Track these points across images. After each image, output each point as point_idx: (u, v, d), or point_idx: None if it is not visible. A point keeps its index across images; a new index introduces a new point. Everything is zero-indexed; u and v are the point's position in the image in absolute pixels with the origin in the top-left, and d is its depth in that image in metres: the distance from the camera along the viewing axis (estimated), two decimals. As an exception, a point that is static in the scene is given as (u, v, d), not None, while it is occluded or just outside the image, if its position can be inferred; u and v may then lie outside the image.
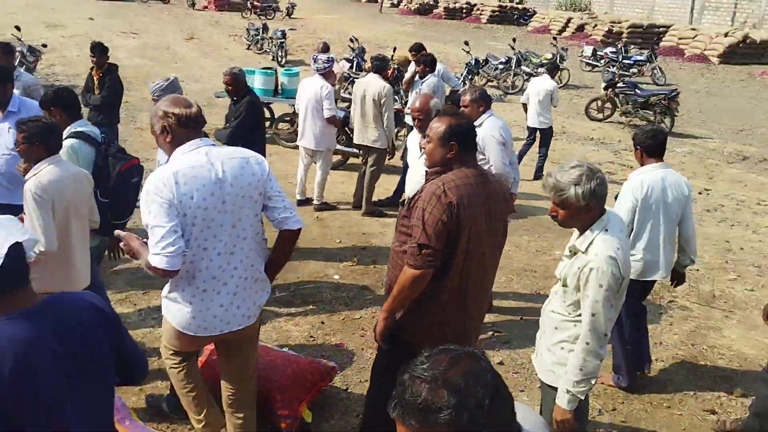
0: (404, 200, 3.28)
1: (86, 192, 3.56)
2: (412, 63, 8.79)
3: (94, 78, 6.87)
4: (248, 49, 21.03)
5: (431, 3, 39.61)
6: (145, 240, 2.78)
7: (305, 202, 7.53)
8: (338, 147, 8.77)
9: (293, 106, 8.98)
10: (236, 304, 2.92)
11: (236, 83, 5.98)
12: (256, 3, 32.70)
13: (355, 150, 8.29)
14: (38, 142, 3.32)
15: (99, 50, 6.77)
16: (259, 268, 3.01)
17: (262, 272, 3.03)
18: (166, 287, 2.94)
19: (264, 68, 10.28)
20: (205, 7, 35.59)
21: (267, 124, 10.28)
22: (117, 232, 2.92)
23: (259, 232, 2.98)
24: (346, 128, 9.00)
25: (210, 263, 2.82)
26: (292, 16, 32.91)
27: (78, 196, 3.47)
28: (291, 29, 21.13)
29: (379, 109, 7.09)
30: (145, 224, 2.71)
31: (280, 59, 18.24)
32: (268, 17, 31.31)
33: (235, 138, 5.42)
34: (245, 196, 2.84)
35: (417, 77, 7.69)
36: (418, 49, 8.35)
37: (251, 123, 5.90)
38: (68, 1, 34.25)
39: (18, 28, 14.16)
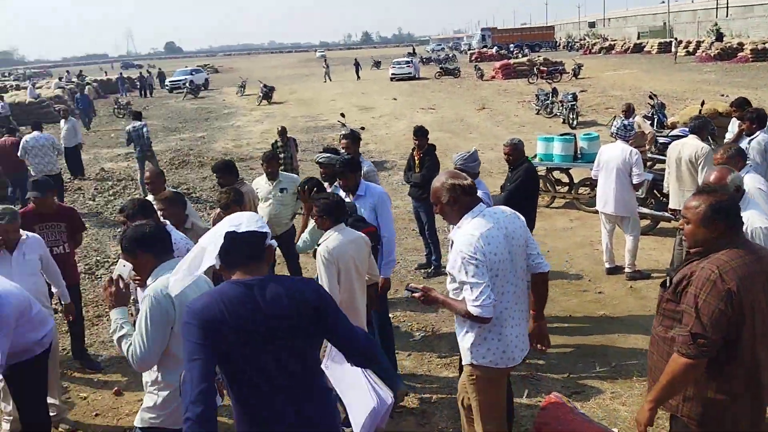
0: (665, 281, 2.98)
1: (364, 252, 4.33)
2: (733, 120, 8.05)
3: (416, 158, 7.62)
4: (537, 113, 21.37)
5: (735, 46, 36.06)
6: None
7: (615, 270, 7.27)
8: (646, 211, 8.36)
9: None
10: (521, 336, 3.42)
11: (516, 152, 6.29)
12: (542, 68, 33.31)
13: (667, 214, 7.81)
14: (326, 215, 4.21)
15: (420, 133, 7.54)
16: (526, 302, 3.51)
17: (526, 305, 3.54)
18: (469, 336, 3.36)
19: (563, 134, 10.35)
20: (493, 77, 37.33)
21: (566, 189, 10.32)
22: (411, 285, 3.57)
23: (525, 275, 3.46)
24: (655, 191, 8.56)
25: (506, 305, 3.32)
26: (578, 77, 32.72)
27: (358, 255, 4.25)
28: (581, 91, 20.99)
29: (697, 171, 6.62)
30: (460, 281, 3.23)
31: (571, 122, 18.17)
32: (555, 80, 31.57)
33: (510, 203, 5.51)
34: (520, 246, 3.38)
35: (744, 134, 7.00)
36: (741, 104, 7.61)
37: (525, 191, 6.12)
38: (375, 86, 38.89)
39: (343, 115, 16.35)
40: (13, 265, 4.56)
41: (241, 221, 2.49)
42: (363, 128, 16.86)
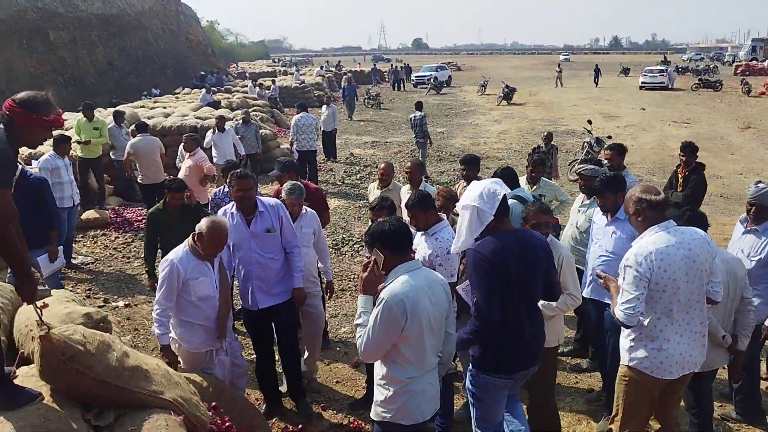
0: None
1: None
2: None
3: (680, 176, 7.05)
4: (819, 139, 18.56)
5: None
6: None
7: None
8: None
9: None
10: (686, 354, 3.52)
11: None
12: (829, 87, 28.81)
13: None
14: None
15: (689, 150, 6.91)
16: (705, 325, 3.64)
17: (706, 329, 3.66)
18: (629, 339, 3.63)
19: None
20: (762, 93, 33.16)
21: None
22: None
23: (704, 298, 3.58)
24: None
25: (673, 320, 3.50)
26: None
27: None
28: None
29: None
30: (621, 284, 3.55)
31: None
32: (844, 102, 27.16)
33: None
34: (703, 270, 3.49)
35: None
36: None
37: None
38: (621, 93, 36.79)
39: (590, 122, 15.72)
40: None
41: (497, 186, 3.49)
42: (609, 137, 15.97)
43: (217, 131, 11.55)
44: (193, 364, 4.34)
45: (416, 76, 43.23)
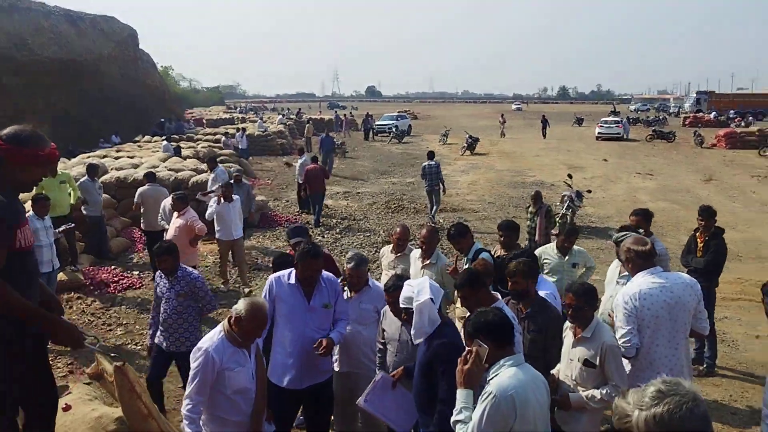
0: None
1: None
2: None
3: (698, 240, 6.93)
4: (779, 192, 19.15)
5: None
6: None
7: None
8: None
9: None
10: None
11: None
12: (777, 140, 30.11)
13: None
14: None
15: (707, 214, 6.83)
16: (689, 358, 4.34)
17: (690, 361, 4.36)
18: (628, 368, 4.11)
19: None
20: (714, 145, 34.44)
21: None
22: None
23: (687, 334, 4.20)
24: None
25: (661, 355, 4.06)
26: (821, 153, 29.04)
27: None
28: None
29: None
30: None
31: (828, 207, 15.97)
32: (792, 155, 28.37)
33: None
34: (686, 311, 4.10)
35: None
36: None
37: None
38: (580, 143, 37.70)
39: (570, 176, 15.79)
40: (352, 307, 4.82)
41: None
42: (590, 191, 16.12)
43: (222, 201, 9.87)
44: (222, 464, 3.82)
45: (377, 125, 43.38)
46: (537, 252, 6.26)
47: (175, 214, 8.81)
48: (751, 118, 52.51)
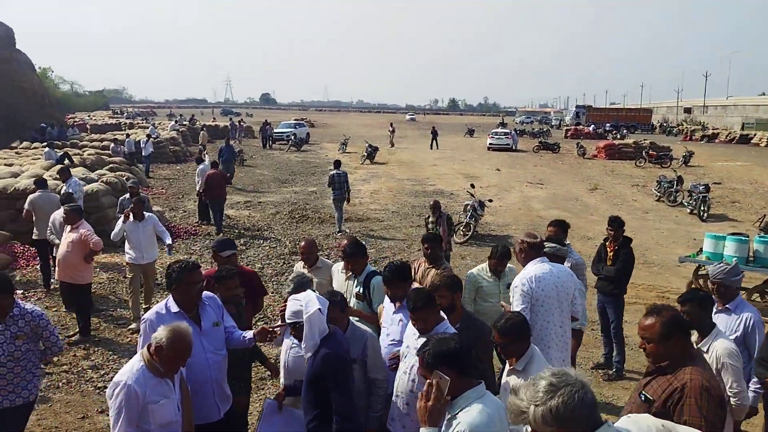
0: (644, 396, 3.24)
1: None
2: None
3: (608, 249, 7.24)
4: (658, 200, 20.62)
5: None
6: None
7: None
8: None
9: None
10: (560, 361, 4.63)
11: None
12: (652, 152, 32.49)
13: None
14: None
15: (617, 224, 7.15)
16: (569, 332, 4.91)
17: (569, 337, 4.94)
18: None
19: (734, 234, 9.72)
20: (595, 156, 36.66)
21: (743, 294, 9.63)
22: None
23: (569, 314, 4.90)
24: None
25: (551, 331, 4.72)
26: (688, 164, 31.60)
27: None
28: (715, 183, 20.11)
29: None
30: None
31: (701, 214, 17.38)
32: (664, 165, 30.70)
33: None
34: (567, 293, 4.82)
35: None
36: None
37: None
38: (473, 153, 38.94)
39: (473, 186, 16.21)
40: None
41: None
42: (491, 200, 16.59)
43: (131, 219, 8.58)
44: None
45: (275, 133, 42.69)
46: (471, 274, 6.00)
47: (68, 227, 8.13)
48: (625, 131, 56.43)
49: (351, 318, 4.46)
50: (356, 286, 5.38)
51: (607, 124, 62.61)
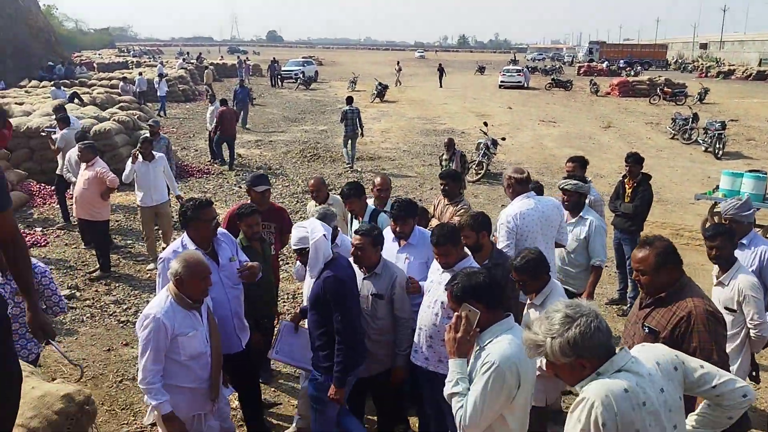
0: (649, 328, 3.26)
1: None
2: None
3: (626, 186, 7.22)
4: (673, 138, 20.37)
5: None
6: None
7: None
8: None
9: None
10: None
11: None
12: (666, 89, 31.89)
13: None
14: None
15: (633, 160, 7.11)
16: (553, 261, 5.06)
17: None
18: None
19: (752, 171, 9.63)
20: (608, 93, 36.04)
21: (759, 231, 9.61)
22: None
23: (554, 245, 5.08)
24: None
25: None
26: (704, 102, 31.06)
27: None
28: (731, 120, 19.74)
29: None
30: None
31: (717, 152, 17.17)
32: (678, 103, 30.18)
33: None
34: (553, 225, 4.98)
35: None
36: None
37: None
38: (484, 92, 38.35)
39: (486, 124, 16.04)
40: None
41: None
42: (504, 139, 16.42)
43: (140, 159, 8.33)
44: (178, 433, 3.63)
45: (283, 71, 42.11)
46: None
47: (83, 165, 8.14)
48: (639, 67, 55.26)
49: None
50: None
51: (621, 61, 61.20)
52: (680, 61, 76.22)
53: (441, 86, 41.02)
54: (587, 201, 5.87)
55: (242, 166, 15.44)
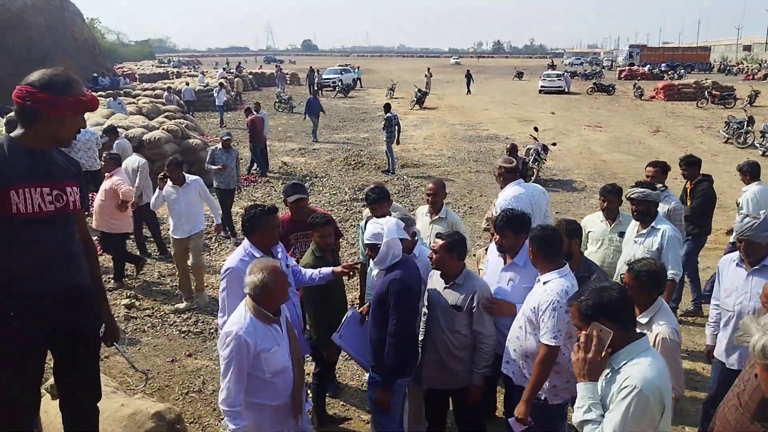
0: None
1: None
2: None
3: (687, 188, 7.00)
4: (726, 142, 19.73)
5: None
6: None
7: None
8: None
9: None
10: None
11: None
12: (715, 92, 31.03)
13: None
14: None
15: (686, 162, 6.91)
16: None
17: None
18: None
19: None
20: (652, 97, 35.26)
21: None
22: None
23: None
24: None
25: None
26: (754, 104, 30.10)
27: None
28: (790, 123, 19.01)
29: None
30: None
31: (778, 155, 16.57)
32: (728, 106, 29.33)
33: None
34: (541, 209, 5.43)
35: None
36: None
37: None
38: (524, 97, 37.89)
39: (536, 129, 15.77)
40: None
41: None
42: (554, 144, 16.10)
43: (169, 183, 7.37)
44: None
45: (322, 79, 42.30)
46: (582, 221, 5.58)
47: (106, 175, 7.99)
48: (682, 70, 54.05)
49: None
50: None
51: (663, 64, 60.05)
52: (724, 63, 74.38)
53: (468, 92, 40.43)
54: (666, 209, 5.59)
55: (288, 174, 15.42)
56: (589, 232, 5.57)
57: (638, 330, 3.52)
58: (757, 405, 2.74)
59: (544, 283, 3.62)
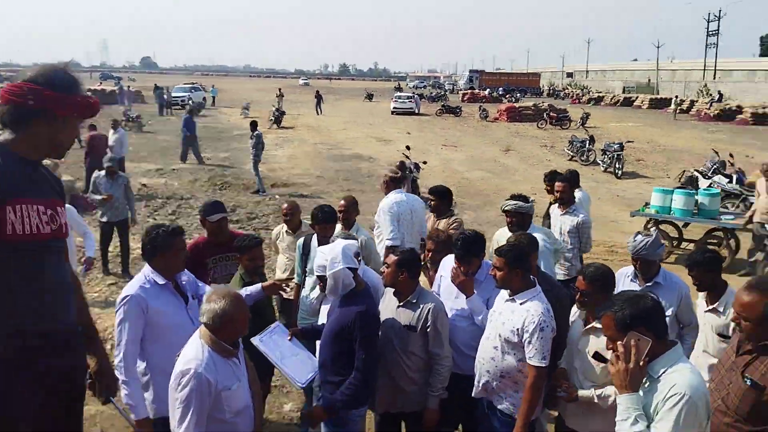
0: (753, 383, 2.85)
1: None
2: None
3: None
4: (571, 160, 21.39)
5: (734, 108, 37.10)
6: None
7: None
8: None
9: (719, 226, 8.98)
10: None
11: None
12: (552, 114, 33.70)
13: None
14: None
15: (549, 179, 7.30)
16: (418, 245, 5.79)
17: None
18: None
19: (679, 187, 10.13)
20: (496, 119, 37.57)
21: (676, 244, 10.08)
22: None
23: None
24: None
25: (406, 241, 5.77)
26: (586, 125, 33.06)
27: None
28: (628, 141, 20.99)
29: None
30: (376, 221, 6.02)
31: (616, 172, 18.17)
32: (563, 127, 32.00)
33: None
34: (418, 216, 6.00)
35: None
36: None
37: None
38: (378, 118, 38.71)
39: (408, 148, 16.03)
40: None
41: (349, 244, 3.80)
42: (425, 162, 16.44)
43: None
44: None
45: (171, 97, 40.33)
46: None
47: None
48: (518, 94, 58.26)
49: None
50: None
51: (500, 89, 64.41)
52: (552, 88, 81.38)
53: (319, 113, 40.56)
54: (576, 222, 5.86)
55: (150, 196, 14.35)
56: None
57: (596, 335, 3.54)
58: (750, 408, 2.82)
59: (521, 303, 3.52)
